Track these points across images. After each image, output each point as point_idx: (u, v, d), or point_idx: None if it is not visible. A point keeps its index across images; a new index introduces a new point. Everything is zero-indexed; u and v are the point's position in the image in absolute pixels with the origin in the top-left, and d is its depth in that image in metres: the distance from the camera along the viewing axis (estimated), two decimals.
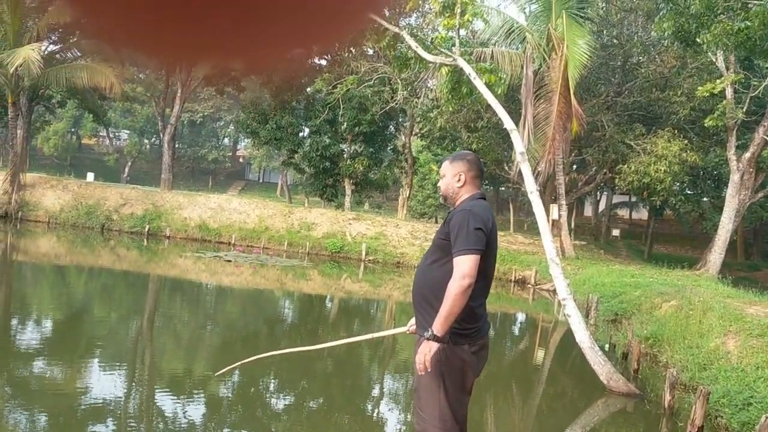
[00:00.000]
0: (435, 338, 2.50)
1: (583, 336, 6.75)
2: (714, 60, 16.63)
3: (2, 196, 23.02)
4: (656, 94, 20.24)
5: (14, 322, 8.34)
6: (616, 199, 35.01)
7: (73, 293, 11.78)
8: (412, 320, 2.99)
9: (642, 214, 35.39)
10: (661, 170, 18.46)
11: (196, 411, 5.28)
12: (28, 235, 20.22)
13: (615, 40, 21.61)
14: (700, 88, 15.15)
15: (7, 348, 6.79)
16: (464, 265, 2.51)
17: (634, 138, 19.93)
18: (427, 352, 2.50)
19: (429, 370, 2.53)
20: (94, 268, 15.46)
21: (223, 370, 4.78)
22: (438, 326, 2.49)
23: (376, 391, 6.61)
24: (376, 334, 4.18)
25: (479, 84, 8.19)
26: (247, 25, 0.34)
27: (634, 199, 32.93)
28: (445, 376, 2.62)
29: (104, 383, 5.65)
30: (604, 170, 22.35)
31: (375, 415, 5.77)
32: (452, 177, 2.85)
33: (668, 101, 19.68)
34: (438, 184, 3.04)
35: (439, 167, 3.02)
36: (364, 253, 21.27)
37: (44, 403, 4.94)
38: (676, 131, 19.26)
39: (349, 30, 0.36)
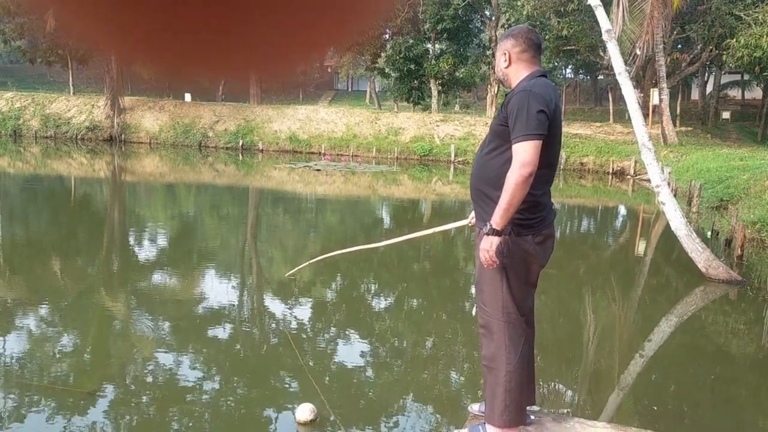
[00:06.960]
0: (494, 232, 2.36)
1: (678, 223, 6.52)
2: None
3: (105, 120, 24.47)
4: None
5: (132, 237, 9.10)
6: (725, 79, 32.23)
7: (183, 208, 12.59)
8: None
9: (756, 93, 32.47)
10: None
11: (303, 312, 5.64)
12: (132, 156, 21.52)
13: None
14: None
15: (129, 261, 7.47)
16: (524, 153, 2.31)
17: (743, 8, 18.11)
18: (488, 248, 2.38)
19: (496, 265, 2.43)
20: (198, 183, 16.37)
21: (294, 270, 5.20)
22: (497, 219, 2.35)
23: (473, 289, 6.78)
24: (437, 228, 4.04)
25: None
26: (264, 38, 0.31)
27: (746, 77, 30.22)
28: (508, 268, 2.49)
29: (218, 290, 6.12)
30: (710, 47, 20.58)
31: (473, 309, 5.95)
32: (499, 58, 2.62)
33: None
34: None
35: None
36: (453, 154, 21.15)
37: (166, 310, 5.46)
38: None
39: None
